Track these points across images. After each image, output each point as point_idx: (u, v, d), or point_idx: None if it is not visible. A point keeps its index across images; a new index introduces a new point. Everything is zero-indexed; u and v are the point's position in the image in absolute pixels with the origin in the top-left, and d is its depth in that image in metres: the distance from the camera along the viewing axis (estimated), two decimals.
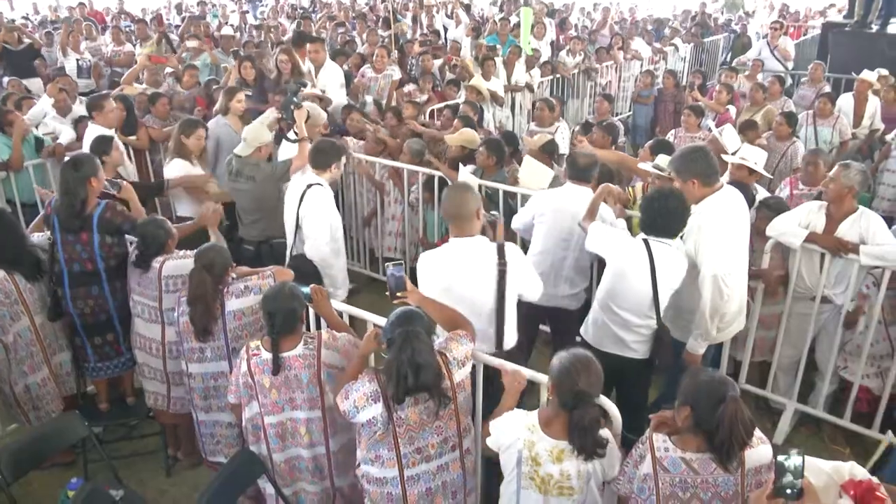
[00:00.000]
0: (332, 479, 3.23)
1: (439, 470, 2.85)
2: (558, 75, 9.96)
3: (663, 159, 4.62)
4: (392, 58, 8.67)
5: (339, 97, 7.60)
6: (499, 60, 8.86)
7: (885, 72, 8.01)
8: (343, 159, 4.56)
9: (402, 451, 2.77)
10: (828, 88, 8.48)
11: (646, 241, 3.53)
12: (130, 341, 4.04)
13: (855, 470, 2.29)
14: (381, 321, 3.12)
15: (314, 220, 4.31)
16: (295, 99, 5.05)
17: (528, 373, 2.99)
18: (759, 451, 2.42)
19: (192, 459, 4.21)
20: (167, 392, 3.95)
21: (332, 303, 3.46)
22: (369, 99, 8.15)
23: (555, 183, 4.99)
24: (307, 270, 4.22)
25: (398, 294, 3.07)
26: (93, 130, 5.29)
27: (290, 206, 4.48)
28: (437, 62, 9.54)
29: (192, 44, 9.30)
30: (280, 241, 4.76)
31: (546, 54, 11.02)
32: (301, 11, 14.56)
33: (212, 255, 3.50)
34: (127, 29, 12.38)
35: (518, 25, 10.78)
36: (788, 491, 2.07)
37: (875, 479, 2.27)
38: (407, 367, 2.61)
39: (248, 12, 16.16)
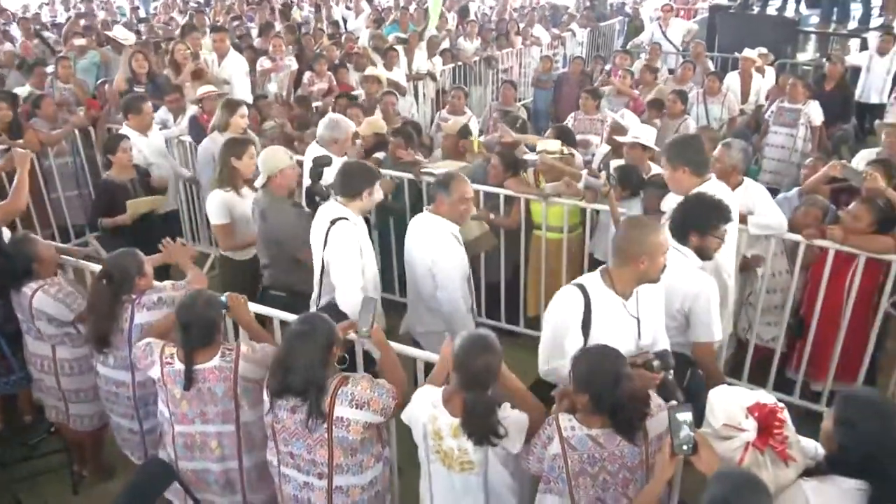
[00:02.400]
0: (244, 494, 3.12)
1: (305, 486, 2.83)
2: (460, 63, 10.03)
3: (550, 144, 4.75)
4: (289, 49, 8.55)
5: (245, 87, 7.44)
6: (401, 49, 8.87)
7: (764, 50, 8.44)
8: (378, 185, 3.69)
9: (279, 447, 2.81)
10: (711, 66, 8.91)
11: None
12: (24, 358, 3.82)
13: (761, 396, 2.41)
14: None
15: (342, 264, 3.52)
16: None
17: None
18: (659, 418, 2.51)
19: (99, 476, 4.04)
20: (66, 409, 3.78)
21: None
22: (273, 88, 8.00)
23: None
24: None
25: (363, 329, 2.99)
26: None
27: (315, 245, 3.70)
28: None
29: (78, 42, 8.86)
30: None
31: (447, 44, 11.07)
32: (196, 6, 14.09)
33: (112, 264, 3.34)
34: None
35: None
36: (685, 447, 2.23)
37: (780, 404, 2.38)
38: (280, 364, 2.62)
39: (138, 8, 15.52)
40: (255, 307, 3.47)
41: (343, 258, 3.52)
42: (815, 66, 9.93)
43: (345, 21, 12.77)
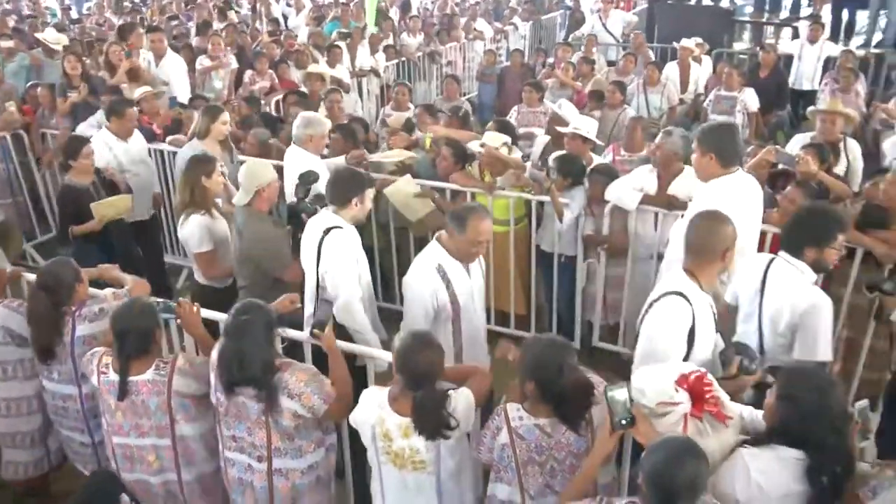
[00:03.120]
0: None
1: (248, 469, 2.85)
2: (403, 59, 10.00)
3: (492, 137, 4.81)
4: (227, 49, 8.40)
5: (184, 87, 7.30)
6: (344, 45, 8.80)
7: (699, 40, 8.62)
8: (369, 192, 3.58)
9: (223, 431, 2.84)
10: (652, 56, 9.07)
11: None
12: None
13: (682, 367, 2.48)
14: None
15: (339, 275, 3.37)
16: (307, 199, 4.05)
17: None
18: (603, 406, 2.52)
19: None
20: None
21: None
22: (218, 85, 7.86)
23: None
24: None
25: (315, 330, 2.98)
26: None
27: (307, 258, 3.52)
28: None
29: (6, 44, 8.55)
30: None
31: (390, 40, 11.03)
32: (130, 5, 13.74)
33: (48, 273, 3.23)
34: None
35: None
36: (623, 422, 2.30)
37: (702, 369, 2.46)
38: (233, 356, 2.61)
39: (70, 8, 15.05)
40: (214, 314, 3.36)
41: (340, 268, 3.38)
42: (751, 54, 10.18)
43: (285, 18, 12.60)
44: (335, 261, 3.37)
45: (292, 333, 3.20)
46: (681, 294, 2.76)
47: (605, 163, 4.93)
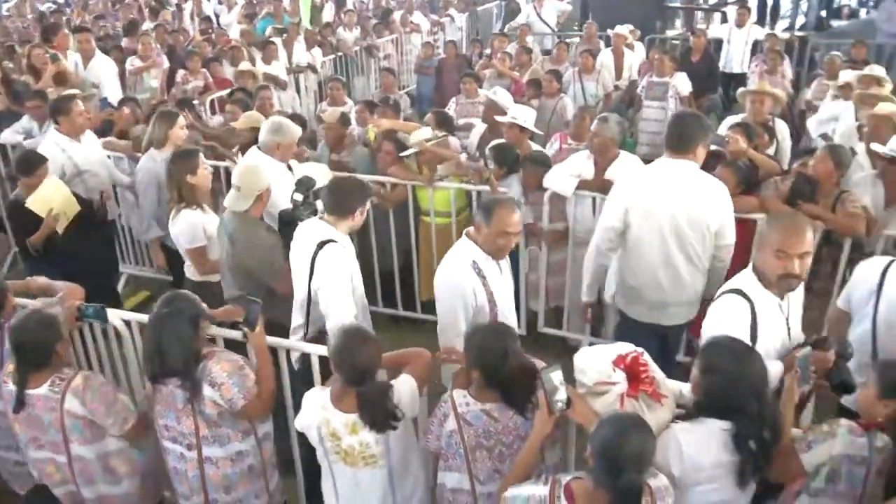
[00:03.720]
0: None
1: (181, 458, 2.86)
2: (340, 53, 9.92)
3: (421, 133, 4.85)
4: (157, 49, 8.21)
5: (115, 89, 7.10)
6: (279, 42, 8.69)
7: (631, 27, 8.77)
8: (368, 203, 3.44)
9: (157, 421, 2.85)
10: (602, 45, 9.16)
11: None
12: None
13: (620, 348, 2.53)
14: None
15: (334, 294, 3.14)
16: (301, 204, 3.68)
17: None
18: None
19: None
20: None
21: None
22: (154, 83, 7.68)
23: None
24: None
25: (245, 329, 2.95)
26: None
27: (298, 269, 3.29)
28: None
29: None
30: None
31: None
32: (54, 6, 13.29)
33: None
34: None
35: None
36: (560, 404, 2.34)
37: (639, 349, 2.52)
38: (154, 349, 2.63)
39: None
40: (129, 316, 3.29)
41: (333, 288, 3.14)
42: (682, 39, 10.40)
43: (217, 16, 12.36)
44: (329, 279, 3.15)
45: (227, 333, 3.13)
46: (739, 292, 2.73)
47: (537, 151, 4.97)
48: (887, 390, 2.25)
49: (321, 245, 3.15)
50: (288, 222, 3.66)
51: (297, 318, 3.37)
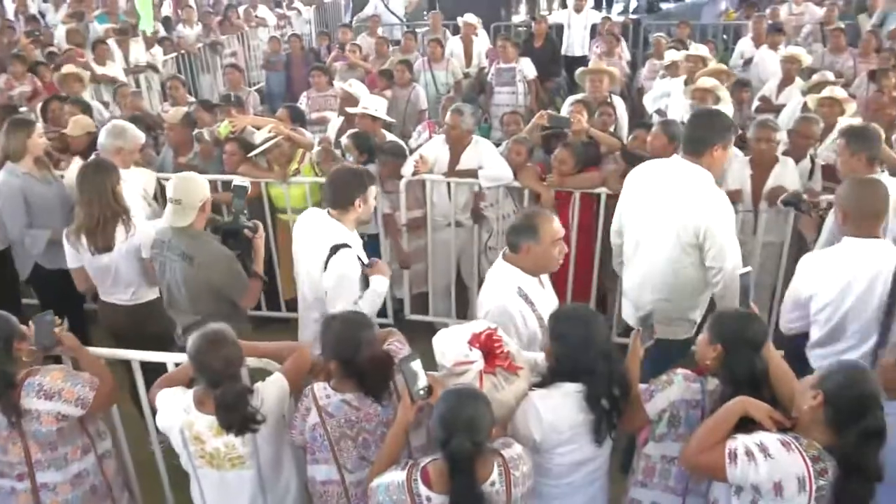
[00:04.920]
0: None
1: (12, 493, 2.71)
2: (183, 51, 9.52)
3: (261, 133, 4.79)
4: None
5: None
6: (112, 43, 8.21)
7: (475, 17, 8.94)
8: (372, 189, 3.32)
9: None
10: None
11: None
12: None
13: (475, 326, 2.60)
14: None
15: (342, 300, 3.09)
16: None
17: None
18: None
19: None
20: None
21: None
22: None
23: None
24: None
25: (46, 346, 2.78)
26: None
27: (310, 269, 3.24)
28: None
29: None
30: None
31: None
32: None
33: None
34: None
35: None
36: (421, 392, 2.37)
37: (492, 325, 2.59)
38: None
39: None
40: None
41: (344, 296, 3.12)
42: (526, 25, 10.74)
43: (42, 15, 11.48)
44: (341, 287, 3.13)
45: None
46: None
47: (392, 141, 5.01)
48: (715, 336, 2.45)
49: (334, 249, 3.12)
50: (233, 232, 3.44)
51: (312, 314, 3.31)
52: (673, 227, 3.23)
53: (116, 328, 3.79)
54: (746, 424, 2.23)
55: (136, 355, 3.09)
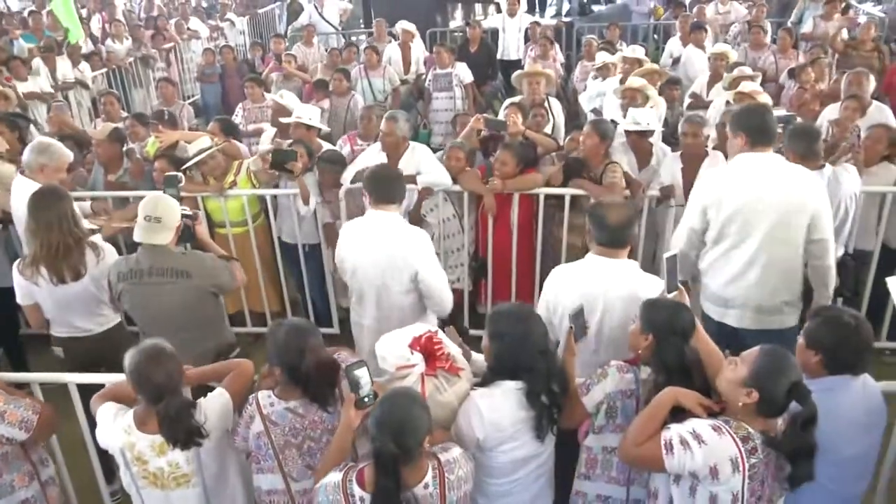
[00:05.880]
0: None
1: None
2: (113, 66, 9.31)
3: (200, 143, 4.74)
4: None
5: None
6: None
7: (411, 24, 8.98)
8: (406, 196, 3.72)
9: None
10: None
11: None
12: None
13: (414, 330, 2.63)
14: None
15: (438, 271, 3.42)
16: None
17: None
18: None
19: None
20: None
21: None
22: None
23: None
24: None
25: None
26: None
27: (392, 259, 3.33)
28: None
29: None
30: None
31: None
32: None
33: None
34: None
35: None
36: (366, 399, 2.37)
37: (433, 328, 2.64)
38: None
39: None
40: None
41: (437, 265, 3.44)
42: (462, 31, 10.82)
43: None
44: (431, 260, 3.40)
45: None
46: None
47: (330, 149, 4.99)
48: (645, 326, 2.52)
49: (408, 232, 3.40)
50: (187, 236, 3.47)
51: (401, 298, 3.43)
52: (801, 221, 3.19)
53: (88, 359, 3.45)
54: (677, 413, 2.30)
55: (72, 378, 3.04)
